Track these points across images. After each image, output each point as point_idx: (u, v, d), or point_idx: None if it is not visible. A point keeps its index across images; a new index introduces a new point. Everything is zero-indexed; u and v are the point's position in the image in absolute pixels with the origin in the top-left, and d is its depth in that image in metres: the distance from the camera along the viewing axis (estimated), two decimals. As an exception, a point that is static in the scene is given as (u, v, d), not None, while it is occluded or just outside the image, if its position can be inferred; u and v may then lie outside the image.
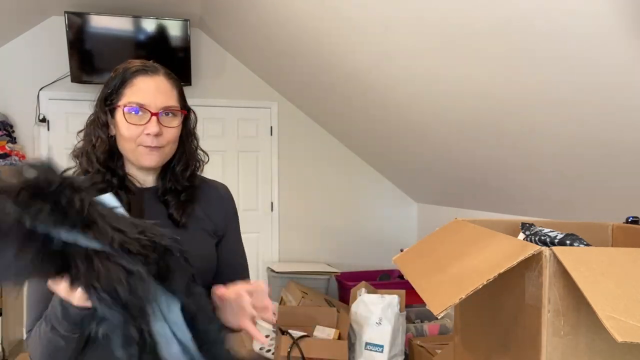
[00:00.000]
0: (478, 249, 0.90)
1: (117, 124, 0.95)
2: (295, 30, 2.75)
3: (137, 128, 0.93)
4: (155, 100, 0.94)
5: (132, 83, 0.95)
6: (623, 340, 0.57)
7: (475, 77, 1.96)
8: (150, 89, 0.95)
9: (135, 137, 0.94)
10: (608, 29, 1.30)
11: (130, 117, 0.93)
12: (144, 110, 0.94)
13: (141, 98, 0.94)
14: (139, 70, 0.96)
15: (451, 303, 0.74)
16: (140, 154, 0.95)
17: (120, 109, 0.94)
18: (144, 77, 0.95)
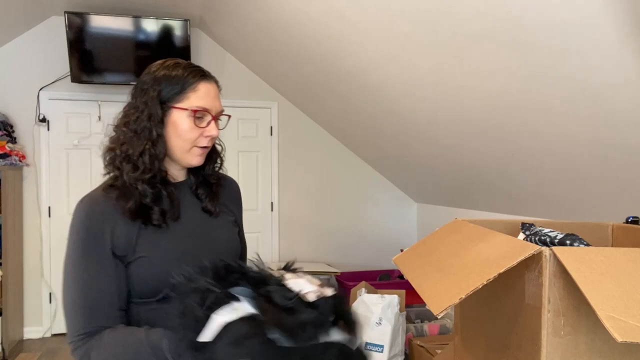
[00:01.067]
0: (478, 249, 0.90)
1: (174, 123, 0.98)
2: (295, 31, 2.75)
3: (198, 130, 0.99)
4: (215, 105, 1.01)
5: (197, 88, 0.99)
6: (623, 340, 0.57)
7: (476, 78, 1.96)
8: (211, 94, 1.01)
9: (194, 138, 0.99)
10: (609, 30, 1.30)
11: (197, 121, 0.99)
12: (207, 114, 1.00)
13: (206, 103, 0.99)
14: (202, 75, 1.00)
15: (451, 303, 0.74)
16: (192, 155, 1.01)
17: (185, 111, 0.98)
18: (205, 83, 1.00)
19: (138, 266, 0.94)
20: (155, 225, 0.96)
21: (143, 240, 0.95)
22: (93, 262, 0.92)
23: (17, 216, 3.69)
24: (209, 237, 1.04)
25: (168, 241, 0.97)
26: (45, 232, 3.86)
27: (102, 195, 0.96)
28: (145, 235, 0.95)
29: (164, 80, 0.98)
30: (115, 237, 0.93)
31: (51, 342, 3.75)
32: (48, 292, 3.88)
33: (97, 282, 0.91)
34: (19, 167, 3.70)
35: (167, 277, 0.88)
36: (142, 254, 0.94)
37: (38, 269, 3.86)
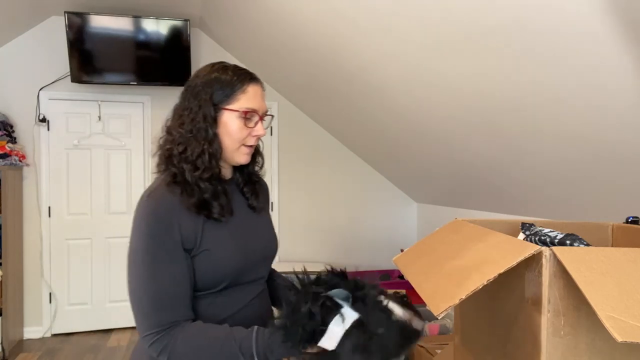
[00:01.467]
0: (478, 249, 0.90)
1: (225, 124, 1.04)
2: (295, 30, 2.75)
3: (247, 130, 1.05)
4: (262, 106, 1.07)
5: (246, 90, 1.05)
6: (623, 340, 0.57)
7: (476, 78, 1.96)
8: (258, 96, 1.07)
9: (243, 138, 1.05)
10: (608, 31, 1.30)
11: (245, 121, 1.04)
12: (255, 115, 1.05)
13: (254, 104, 1.05)
14: (250, 77, 1.07)
15: (451, 304, 0.74)
16: (240, 153, 1.07)
17: (235, 112, 1.03)
18: (254, 85, 1.07)
19: (202, 259, 0.98)
20: (216, 219, 1.01)
21: (207, 234, 1.00)
22: (166, 255, 0.94)
23: (17, 216, 3.69)
24: (257, 232, 1.12)
25: (227, 235, 1.03)
26: (45, 232, 3.87)
27: (167, 191, 0.99)
28: (208, 229, 1.00)
29: (215, 83, 1.04)
30: (183, 230, 0.96)
31: (51, 342, 3.75)
32: (48, 292, 3.89)
33: (171, 276, 0.94)
34: (19, 167, 3.70)
35: (226, 269, 1.00)
36: (206, 247, 0.99)
37: (38, 269, 3.86)
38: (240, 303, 1.06)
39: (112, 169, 4.03)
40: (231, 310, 1.04)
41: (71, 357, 3.44)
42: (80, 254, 3.96)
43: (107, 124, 4.00)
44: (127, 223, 4.06)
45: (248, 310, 1.07)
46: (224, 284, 1.01)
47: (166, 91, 4.05)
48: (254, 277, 1.10)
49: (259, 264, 1.10)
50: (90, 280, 3.99)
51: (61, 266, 3.92)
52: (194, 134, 1.01)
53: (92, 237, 3.99)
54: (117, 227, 4.04)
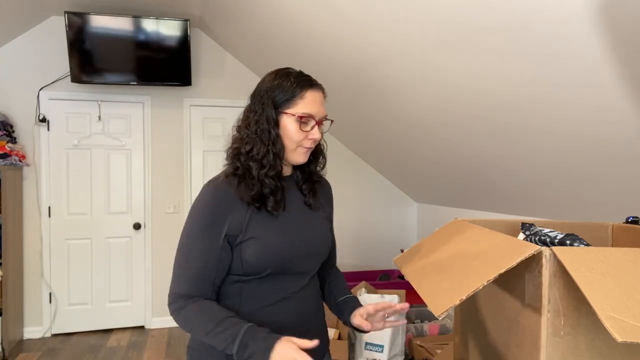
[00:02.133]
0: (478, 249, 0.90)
1: (284, 127, 1.12)
2: (295, 31, 2.75)
3: (303, 133, 1.12)
4: (320, 111, 1.13)
5: (304, 96, 1.11)
6: (623, 340, 0.57)
7: (476, 77, 1.96)
8: (316, 101, 1.13)
9: (300, 140, 1.12)
10: (608, 31, 1.30)
11: (302, 125, 1.11)
12: (311, 120, 1.12)
13: (312, 110, 1.12)
14: (310, 84, 1.13)
15: (452, 304, 0.74)
16: (297, 154, 1.14)
17: (293, 117, 1.11)
18: (312, 91, 1.13)
19: (248, 245, 1.08)
20: (268, 211, 1.10)
21: (255, 224, 1.09)
22: (207, 239, 1.07)
23: (17, 216, 3.69)
24: (308, 227, 1.18)
25: (276, 226, 1.11)
26: (45, 232, 3.87)
27: (225, 182, 1.11)
28: (257, 219, 1.10)
29: (277, 88, 1.12)
30: (231, 218, 1.08)
31: (51, 342, 3.75)
32: (48, 292, 3.88)
33: (205, 257, 1.07)
34: (19, 167, 3.70)
35: (272, 257, 1.08)
36: (253, 235, 1.08)
37: (38, 269, 3.86)
38: (282, 292, 1.13)
39: (112, 169, 4.03)
40: (273, 298, 1.12)
41: (71, 357, 3.44)
42: (80, 254, 3.96)
43: (107, 124, 4.00)
44: (127, 223, 4.06)
45: (291, 301, 1.14)
46: (267, 271, 1.09)
47: (166, 91, 4.06)
48: (300, 270, 1.15)
49: (305, 258, 1.15)
50: (90, 280, 3.99)
51: (61, 266, 3.92)
52: (259, 135, 1.11)
53: (92, 237, 3.99)
54: (117, 227, 4.04)
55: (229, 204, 1.08)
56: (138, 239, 4.09)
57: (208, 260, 1.07)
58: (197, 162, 4.18)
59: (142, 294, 4.09)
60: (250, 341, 0.97)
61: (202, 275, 1.07)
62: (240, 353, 0.98)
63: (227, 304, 1.11)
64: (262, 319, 1.09)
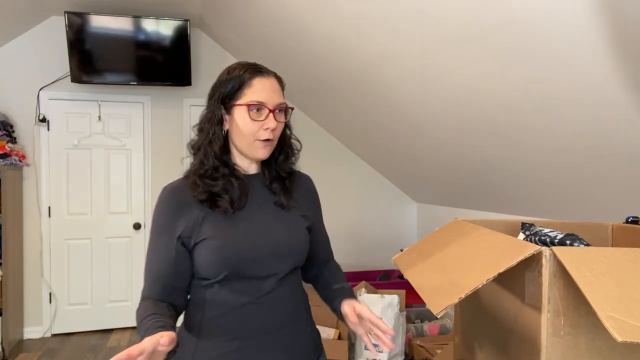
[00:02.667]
0: (478, 248, 0.90)
1: (235, 120, 1.07)
2: (295, 31, 2.75)
3: (257, 124, 1.06)
4: (272, 98, 1.07)
5: (251, 84, 1.06)
6: (623, 340, 0.57)
7: (476, 77, 1.96)
8: (266, 88, 1.07)
9: (254, 132, 1.06)
10: (608, 31, 1.30)
11: (253, 114, 1.05)
12: (263, 108, 1.06)
13: (261, 97, 1.06)
14: (256, 71, 1.07)
15: (451, 303, 0.74)
16: (255, 148, 1.08)
17: (242, 107, 1.06)
18: (260, 78, 1.07)
19: (201, 247, 1.04)
20: (222, 210, 1.05)
21: (208, 224, 1.05)
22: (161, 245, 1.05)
23: (17, 216, 3.69)
24: (274, 228, 1.10)
25: (231, 226, 1.05)
26: (45, 232, 3.87)
27: (181, 183, 1.10)
28: (210, 220, 1.05)
29: (225, 82, 1.08)
30: (186, 220, 1.05)
31: (51, 342, 3.75)
32: (48, 292, 3.88)
33: (159, 263, 1.05)
34: (19, 167, 3.70)
35: (226, 259, 1.02)
36: (205, 236, 1.03)
37: (38, 269, 3.86)
38: (246, 297, 1.05)
39: (112, 169, 4.03)
40: (236, 303, 1.05)
41: (71, 357, 3.44)
42: (80, 254, 3.96)
43: (107, 124, 4.00)
44: (127, 223, 4.06)
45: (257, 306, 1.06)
46: (223, 274, 1.03)
47: (166, 91, 4.06)
48: (264, 273, 1.07)
49: (269, 260, 1.07)
50: (90, 280, 3.99)
51: (61, 266, 3.92)
52: (203, 134, 1.09)
53: (92, 237, 3.99)
54: (117, 227, 4.04)
55: (182, 206, 1.05)
56: (138, 239, 4.09)
57: (162, 266, 1.04)
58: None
59: (142, 294, 4.09)
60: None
61: (159, 279, 1.04)
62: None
63: (192, 310, 1.08)
64: (225, 325, 1.04)
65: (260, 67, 1.10)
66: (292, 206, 1.15)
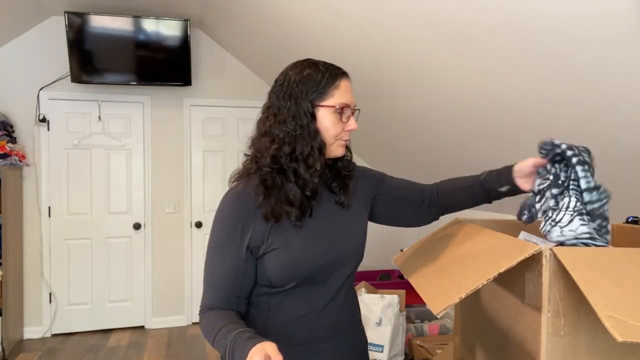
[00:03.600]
0: (478, 248, 0.90)
1: (321, 120, 1.05)
2: (295, 30, 2.75)
3: (341, 125, 1.06)
4: (353, 100, 1.09)
5: (339, 85, 1.06)
6: (623, 340, 0.57)
7: (475, 77, 1.96)
8: (349, 90, 1.09)
9: (338, 133, 1.06)
10: (607, 31, 1.30)
11: (340, 116, 1.05)
12: (348, 110, 1.06)
13: (347, 99, 1.06)
14: (340, 72, 1.08)
15: (451, 302, 0.74)
16: (336, 147, 1.08)
17: (330, 108, 1.04)
18: (345, 80, 1.08)
19: (272, 257, 1.01)
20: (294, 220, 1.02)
21: (278, 233, 1.02)
22: (229, 253, 1.02)
23: (17, 216, 3.69)
24: (339, 231, 1.10)
25: (301, 235, 1.03)
26: (45, 232, 3.86)
27: (245, 188, 1.04)
28: (280, 229, 1.02)
29: (309, 81, 1.04)
30: (254, 228, 1.01)
31: (51, 342, 3.75)
32: (48, 292, 3.88)
33: (226, 272, 1.02)
34: (19, 167, 3.70)
35: (298, 269, 1.01)
36: (276, 245, 1.01)
37: (38, 269, 3.86)
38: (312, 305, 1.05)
39: (112, 169, 4.03)
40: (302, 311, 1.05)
41: (71, 357, 3.44)
42: (80, 254, 3.96)
43: (107, 124, 4.00)
44: (127, 223, 4.06)
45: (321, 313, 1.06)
46: (293, 283, 1.02)
47: (166, 91, 4.05)
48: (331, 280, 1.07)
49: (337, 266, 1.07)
50: (90, 280, 3.99)
51: (61, 266, 3.92)
52: (300, 132, 1.02)
53: (92, 237, 3.99)
54: (117, 227, 4.04)
55: (250, 214, 1.01)
56: (138, 239, 4.09)
57: (229, 275, 1.02)
58: (197, 162, 4.17)
59: (142, 294, 4.09)
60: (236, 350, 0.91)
61: (225, 289, 1.02)
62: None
63: (255, 315, 1.06)
64: (290, 332, 1.04)
65: (341, 67, 1.10)
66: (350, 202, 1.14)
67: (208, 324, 0.99)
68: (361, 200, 1.18)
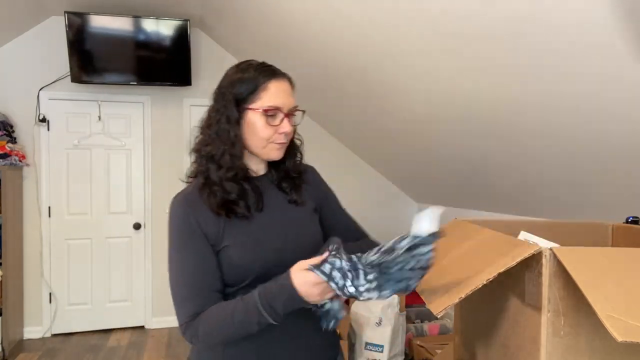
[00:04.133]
0: (478, 248, 0.90)
1: (249, 123, 1.04)
2: (295, 30, 2.75)
3: (272, 128, 1.04)
4: (287, 102, 1.05)
5: (267, 87, 1.03)
6: (623, 340, 0.57)
7: (475, 77, 1.96)
8: (282, 92, 1.05)
9: (270, 136, 1.04)
10: (608, 29, 1.30)
11: (268, 119, 1.03)
12: (279, 112, 1.04)
13: (277, 101, 1.03)
14: (271, 74, 1.05)
15: (450, 303, 0.74)
16: (270, 150, 1.06)
17: (258, 111, 1.03)
18: (276, 81, 1.05)
19: (224, 255, 1.01)
20: (240, 216, 1.03)
21: (230, 231, 1.02)
22: (192, 250, 1.01)
23: (17, 216, 3.69)
24: (293, 226, 1.09)
25: (252, 230, 1.04)
26: (45, 232, 3.86)
27: (192, 190, 1.05)
28: (231, 226, 1.02)
29: (238, 82, 1.04)
30: (207, 228, 1.01)
31: (51, 342, 3.75)
32: (48, 292, 3.88)
33: (196, 267, 1.00)
34: (19, 167, 3.70)
35: (251, 263, 1.01)
36: (227, 242, 1.01)
37: (38, 269, 3.86)
38: None
39: (112, 169, 4.03)
40: None
41: (71, 357, 3.44)
42: (80, 254, 3.96)
43: (107, 124, 4.00)
44: (127, 223, 4.06)
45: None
46: (248, 279, 1.01)
47: (166, 91, 4.05)
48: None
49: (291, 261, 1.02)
50: (90, 280, 3.99)
51: (61, 266, 3.92)
52: (219, 135, 1.04)
53: (92, 237, 3.99)
54: (117, 227, 4.04)
55: (200, 214, 1.01)
56: (138, 239, 4.09)
57: (200, 268, 1.00)
58: (197, 162, 4.17)
59: (142, 294, 4.09)
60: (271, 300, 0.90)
61: (201, 285, 0.99)
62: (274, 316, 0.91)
63: None
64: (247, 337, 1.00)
65: (274, 68, 1.07)
66: (304, 201, 1.13)
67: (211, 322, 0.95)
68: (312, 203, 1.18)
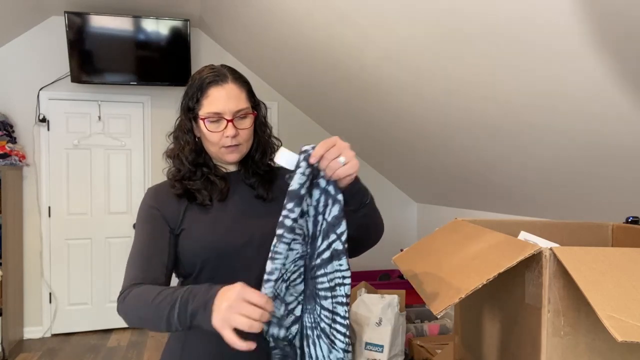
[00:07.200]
0: (478, 248, 0.90)
1: (200, 130, 1.08)
2: (295, 31, 2.75)
3: (217, 134, 1.06)
4: (228, 107, 1.05)
5: (207, 94, 1.06)
6: (623, 340, 0.57)
7: (475, 78, 1.96)
8: (222, 97, 1.05)
9: (217, 141, 1.06)
10: (608, 32, 1.30)
11: (210, 126, 1.06)
12: (220, 118, 1.05)
13: (217, 107, 1.05)
14: (211, 80, 1.06)
15: (451, 303, 0.74)
16: (222, 154, 1.08)
17: (201, 119, 1.06)
18: (215, 87, 1.06)
19: (180, 239, 1.05)
20: (199, 203, 1.07)
21: (188, 216, 1.06)
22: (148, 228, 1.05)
23: (17, 216, 3.69)
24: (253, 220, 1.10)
25: (209, 218, 1.07)
26: (45, 232, 3.86)
27: (164, 184, 1.12)
28: (190, 213, 1.07)
29: (188, 92, 1.09)
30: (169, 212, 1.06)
31: (51, 342, 3.75)
32: (48, 292, 3.88)
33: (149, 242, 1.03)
34: (19, 167, 3.70)
35: (202, 249, 1.03)
36: (184, 226, 1.05)
37: (38, 269, 3.86)
38: None
39: (112, 169, 4.03)
40: None
41: (71, 357, 3.44)
42: (80, 254, 3.96)
43: (107, 124, 4.00)
44: (127, 223, 4.06)
45: None
46: (199, 266, 1.03)
47: (166, 91, 4.05)
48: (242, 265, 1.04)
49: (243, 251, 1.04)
50: (90, 280, 3.99)
51: (61, 266, 3.92)
52: (177, 141, 1.12)
53: (92, 237, 3.99)
54: (117, 227, 4.04)
55: (165, 200, 1.07)
56: (138, 239, 4.09)
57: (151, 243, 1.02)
58: (197, 162, 4.17)
59: (142, 294, 4.09)
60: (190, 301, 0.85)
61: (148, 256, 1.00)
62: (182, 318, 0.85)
63: None
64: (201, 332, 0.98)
65: (218, 73, 1.07)
66: (273, 198, 1.12)
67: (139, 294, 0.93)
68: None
